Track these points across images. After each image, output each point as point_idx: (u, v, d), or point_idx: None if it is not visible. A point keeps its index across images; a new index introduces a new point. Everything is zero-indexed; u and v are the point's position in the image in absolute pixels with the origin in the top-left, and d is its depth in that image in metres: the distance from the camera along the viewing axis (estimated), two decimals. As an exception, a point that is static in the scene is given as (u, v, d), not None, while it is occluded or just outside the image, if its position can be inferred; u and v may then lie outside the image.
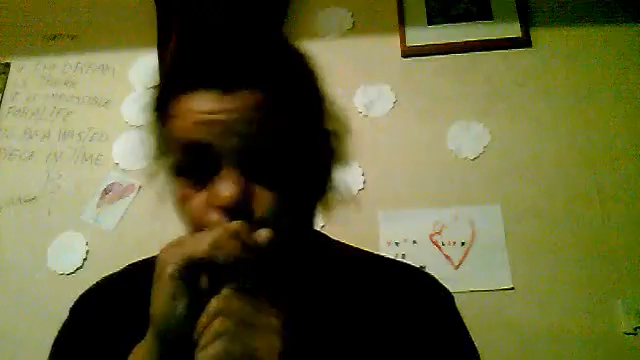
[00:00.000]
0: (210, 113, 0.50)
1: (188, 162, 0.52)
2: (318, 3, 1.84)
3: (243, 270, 0.47)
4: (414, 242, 1.53)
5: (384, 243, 1.52)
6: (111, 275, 0.68)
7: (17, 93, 1.86)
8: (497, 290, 1.45)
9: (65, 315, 0.67)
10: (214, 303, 0.45)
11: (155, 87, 0.57)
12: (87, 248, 1.63)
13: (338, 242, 0.70)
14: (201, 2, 1.80)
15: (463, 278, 1.47)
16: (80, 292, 0.68)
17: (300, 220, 0.57)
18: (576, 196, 1.52)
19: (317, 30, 1.80)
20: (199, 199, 0.52)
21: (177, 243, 0.49)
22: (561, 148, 1.58)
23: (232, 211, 0.49)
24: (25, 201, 1.71)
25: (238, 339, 0.44)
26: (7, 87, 1.86)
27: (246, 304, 0.46)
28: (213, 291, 0.46)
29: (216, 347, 0.44)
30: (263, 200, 0.51)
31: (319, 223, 0.64)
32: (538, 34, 1.71)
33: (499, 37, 1.71)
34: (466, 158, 1.60)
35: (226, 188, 0.49)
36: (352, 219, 0.64)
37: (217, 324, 0.45)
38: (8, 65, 1.89)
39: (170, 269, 0.46)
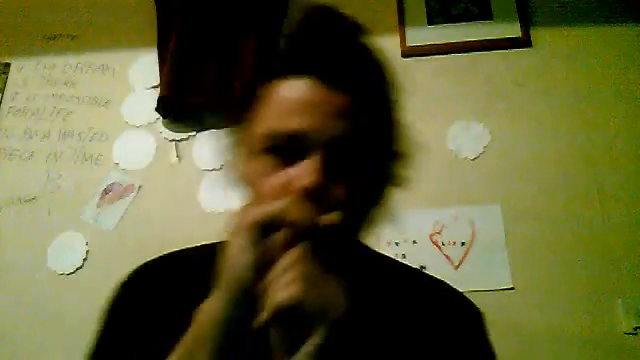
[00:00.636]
0: (307, 101, 0.55)
1: (277, 144, 0.55)
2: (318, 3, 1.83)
3: (311, 238, 0.50)
4: (414, 242, 1.53)
5: (384, 243, 1.52)
6: (167, 254, 0.70)
7: (17, 93, 1.86)
8: (497, 290, 1.45)
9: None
10: (287, 258, 0.49)
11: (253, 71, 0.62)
12: (87, 248, 1.63)
13: (379, 253, 0.73)
14: (201, 2, 1.80)
15: (463, 278, 1.47)
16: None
17: (358, 225, 0.60)
18: (576, 196, 1.52)
19: (317, 30, 1.80)
20: (277, 178, 0.55)
21: (254, 205, 0.53)
22: (561, 148, 1.58)
23: (309, 195, 0.52)
24: (25, 201, 1.71)
25: (307, 291, 0.47)
26: (7, 87, 1.86)
27: (315, 264, 0.49)
28: (281, 251, 0.50)
29: (286, 293, 0.47)
30: (337, 193, 0.54)
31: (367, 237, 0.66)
32: (538, 34, 1.71)
33: (499, 37, 1.71)
34: (466, 158, 1.60)
35: (309, 173, 0.52)
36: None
37: (288, 275, 0.48)
38: (8, 65, 1.89)
39: (246, 224, 0.50)
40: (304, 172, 0.53)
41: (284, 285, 0.47)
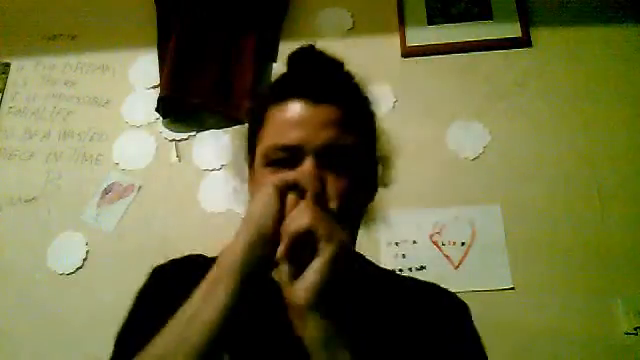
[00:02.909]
0: (302, 118, 0.67)
1: (276, 158, 0.66)
2: (318, 3, 1.84)
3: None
4: (414, 242, 1.52)
5: (384, 243, 1.52)
6: (195, 255, 0.79)
7: (17, 93, 1.86)
8: (497, 290, 1.45)
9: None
10: (299, 206, 0.58)
11: (254, 101, 0.75)
12: (87, 248, 1.63)
13: (371, 261, 0.80)
14: (201, 2, 1.80)
15: (463, 278, 1.47)
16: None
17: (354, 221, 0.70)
18: (576, 196, 1.52)
19: (317, 30, 1.80)
20: (277, 178, 0.63)
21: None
22: (561, 148, 1.58)
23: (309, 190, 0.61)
24: (25, 201, 1.71)
25: (316, 219, 0.56)
26: (7, 87, 1.86)
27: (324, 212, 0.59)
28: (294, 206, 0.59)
29: (299, 221, 0.56)
30: (333, 188, 0.64)
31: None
32: (538, 34, 1.71)
33: (499, 37, 1.71)
34: (466, 158, 1.60)
35: (306, 172, 0.62)
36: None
37: (300, 210, 0.57)
38: (8, 65, 1.89)
39: (271, 183, 0.61)
40: (300, 175, 0.62)
41: (297, 217, 0.56)
